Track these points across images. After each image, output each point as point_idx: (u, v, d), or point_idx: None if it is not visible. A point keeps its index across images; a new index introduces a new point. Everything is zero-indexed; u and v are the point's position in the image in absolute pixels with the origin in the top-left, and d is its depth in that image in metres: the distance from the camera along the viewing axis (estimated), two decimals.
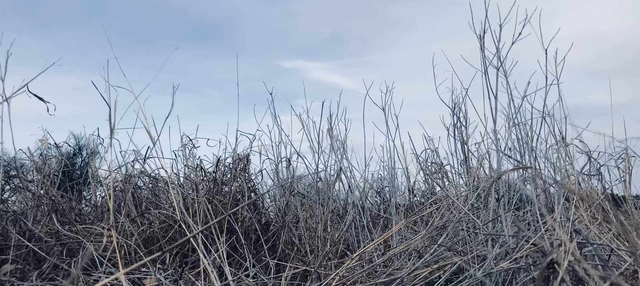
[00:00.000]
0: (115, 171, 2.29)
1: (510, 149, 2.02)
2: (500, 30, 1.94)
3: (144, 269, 1.62)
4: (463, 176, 2.37)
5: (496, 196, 1.77)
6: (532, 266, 1.27)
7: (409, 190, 2.81)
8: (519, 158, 1.99)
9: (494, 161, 2.07)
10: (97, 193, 2.49)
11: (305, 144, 2.47)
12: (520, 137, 1.98)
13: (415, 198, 2.83)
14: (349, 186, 2.45)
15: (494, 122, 1.94)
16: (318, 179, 2.40)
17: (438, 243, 1.63)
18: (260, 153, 2.38)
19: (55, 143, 2.46)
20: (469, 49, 2.01)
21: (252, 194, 2.19)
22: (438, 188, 2.59)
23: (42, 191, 2.12)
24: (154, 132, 1.69)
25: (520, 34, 1.90)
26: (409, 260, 1.67)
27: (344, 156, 2.46)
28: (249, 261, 1.76)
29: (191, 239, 1.68)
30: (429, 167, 2.68)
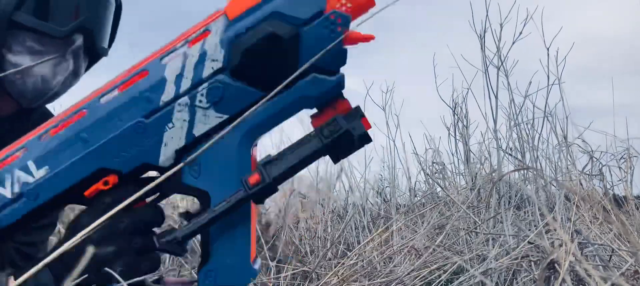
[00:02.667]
0: None
1: (511, 149, 2.01)
2: (501, 30, 1.93)
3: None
4: (464, 176, 2.36)
5: (497, 196, 1.77)
6: (532, 267, 1.26)
7: (409, 190, 2.79)
8: (520, 157, 1.98)
9: (495, 160, 2.07)
10: None
11: None
12: (521, 136, 1.98)
13: (416, 199, 2.82)
14: (350, 186, 2.44)
15: (495, 121, 1.93)
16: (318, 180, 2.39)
17: (437, 242, 1.62)
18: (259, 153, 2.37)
19: None
20: (470, 49, 2.00)
21: None
22: (439, 188, 2.58)
23: None
24: None
25: (521, 33, 1.89)
26: (409, 259, 1.66)
27: None
28: None
29: None
30: (430, 167, 2.67)
